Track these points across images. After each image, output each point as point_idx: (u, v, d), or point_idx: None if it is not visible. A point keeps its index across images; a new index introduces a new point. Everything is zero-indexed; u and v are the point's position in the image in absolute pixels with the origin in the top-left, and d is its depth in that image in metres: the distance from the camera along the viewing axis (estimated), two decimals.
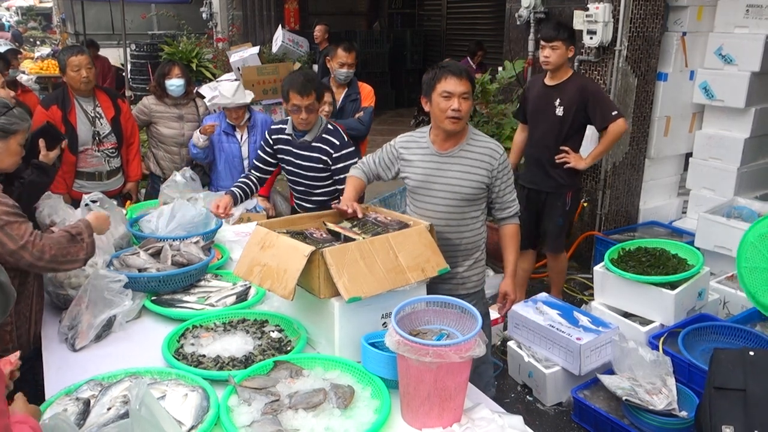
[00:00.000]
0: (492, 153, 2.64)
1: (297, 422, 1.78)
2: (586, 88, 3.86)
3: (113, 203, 3.22)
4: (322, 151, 3.31)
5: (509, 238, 2.76)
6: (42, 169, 2.95)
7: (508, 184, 2.71)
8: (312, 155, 3.33)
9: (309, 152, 3.34)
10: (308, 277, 2.10)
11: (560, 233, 4.16)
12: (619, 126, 3.81)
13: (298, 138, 3.34)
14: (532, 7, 5.12)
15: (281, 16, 10.85)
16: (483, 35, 9.02)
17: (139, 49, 8.14)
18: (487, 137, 2.71)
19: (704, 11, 4.91)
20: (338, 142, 3.30)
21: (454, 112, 2.51)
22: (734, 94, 4.75)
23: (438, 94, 2.54)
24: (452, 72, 2.52)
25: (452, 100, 2.51)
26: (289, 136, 3.37)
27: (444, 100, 2.52)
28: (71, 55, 3.85)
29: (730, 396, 2.29)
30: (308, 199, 3.47)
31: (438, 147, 2.67)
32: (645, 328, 3.63)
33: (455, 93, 2.51)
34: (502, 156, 2.66)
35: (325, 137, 3.32)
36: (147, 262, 2.70)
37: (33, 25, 20.44)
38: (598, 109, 3.82)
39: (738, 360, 2.40)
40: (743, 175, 4.89)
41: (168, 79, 4.39)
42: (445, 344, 1.76)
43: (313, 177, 3.38)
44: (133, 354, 2.24)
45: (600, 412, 3.15)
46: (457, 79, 2.51)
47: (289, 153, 3.40)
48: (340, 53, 4.47)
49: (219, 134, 4.27)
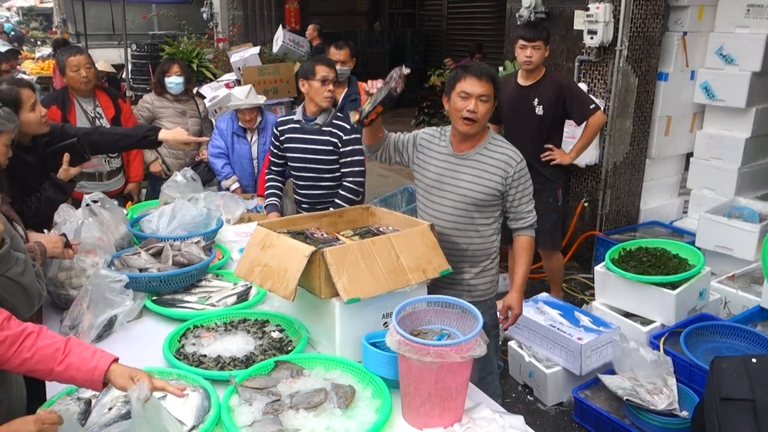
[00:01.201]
0: (509, 160, 2.56)
1: (298, 422, 1.78)
2: (561, 84, 3.93)
3: (114, 203, 3.22)
4: (333, 134, 3.43)
5: (521, 250, 2.64)
6: (59, 186, 2.96)
7: (525, 194, 2.61)
8: (322, 138, 3.44)
9: (319, 136, 3.45)
10: (309, 277, 2.10)
11: (554, 229, 4.18)
12: (598, 118, 3.94)
13: (309, 122, 3.46)
14: (532, 7, 5.11)
15: (282, 16, 10.86)
16: (483, 35, 9.03)
17: (140, 50, 8.14)
18: (507, 144, 2.62)
19: (705, 11, 4.91)
20: (348, 127, 3.39)
21: (468, 113, 2.46)
22: (735, 94, 4.75)
23: (456, 94, 2.49)
24: (472, 72, 2.46)
25: (469, 101, 2.46)
26: (298, 123, 3.49)
27: (461, 100, 2.48)
28: (70, 55, 3.86)
29: (738, 407, 2.24)
30: (313, 191, 3.56)
31: (455, 148, 2.62)
32: (646, 328, 3.62)
33: (473, 94, 2.45)
34: (520, 164, 2.57)
35: (336, 122, 3.45)
36: (148, 262, 2.70)
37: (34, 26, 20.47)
38: (576, 104, 3.90)
39: (741, 368, 2.35)
40: (744, 175, 4.89)
41: (167, 77, 4.44)
42: (446, 344, 1.76)
43: (322, 161, 3.48)
44: (134, 354, 2.23)
45: (601, 412, 3.15)
46: (477, 80, 2.45)
47: (297, 141, 3.51)
48: (332, 51, 4.48)
49: (230, 136, 4.35)
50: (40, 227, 2.68)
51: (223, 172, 4.37)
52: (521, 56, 3.88)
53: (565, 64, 5.04)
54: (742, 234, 4.28)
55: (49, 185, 2.91)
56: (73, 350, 1.67)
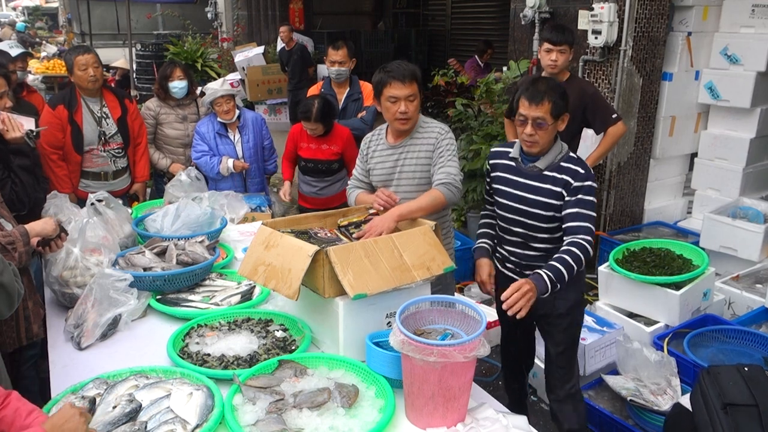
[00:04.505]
0: (437, 135, 2.75)
1: (301, 421, 1.78)
2: (585, 91, 3.81)
3: (119, 202, 3.24)
4: (558, 181, 2.45)
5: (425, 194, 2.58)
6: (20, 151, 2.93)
7: (444, 155, 2.69)
8: (543, 187, 2.48)
9: (540, 183, 2.49)
10: (313, 276, 2.10)
11: None
12: (619, 129, 3.81)
13: (527, 163, 2.53)
14: (536, 7, 5.12)
15: (286, 16, 10.88)
16: (487, 35, 9.00)
17: (145, 49, 8.17)
18: (435, 122, 2.84)
19: (710, 11, 4.90)
20: (582, 171, 2.45)
21: (401, 114, 2.69)
22: (740, 94, 4.74)
23: (385, 99, 2.70)
24: (396, 77, 2.65)
25: (399, 104, 2.67)
26: (513, 161, 2.59)
27: (392, 105, 2.69)
28: (78, 54, 3.87)
29: (742, 412, 2.23)
30: (522, 250, 2.62)
31: (393, 141, 2.84)
32: (650, 328, 3.62)
33: (401, 97, 2.67)
34: (447, 134, 2.76)
35: (565, 165, 2.47)
36: (152, 262, 2.71)
37: (39, 25, 20.54)
38: (598, 113, 3.79)
39: (736, 376, 2.35)
40: (749, 176, 4.88)
41: (170, 81, 4.40)
42: (449, 344, 1.76)
43: (538, 216, 2.51)
44: (138, 353, 2.25)
45: (604, 412, 3.14)
46: (401, 84, 2.65)
47: (509, 183, 2.58)
48: (330, 52, 4.48)
49: (213, 138, 4.31)
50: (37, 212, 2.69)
51: (211, 163, 4.26)
52: (546, 59, 3.80)
53: (569, 64, 5.03)
54: (746, 234, 4.27)
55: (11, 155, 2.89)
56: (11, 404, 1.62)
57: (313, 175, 4.22)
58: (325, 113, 3.98)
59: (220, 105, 4.24)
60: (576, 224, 2.39)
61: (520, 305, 2.14)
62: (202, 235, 2.95)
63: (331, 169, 4.17)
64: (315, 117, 3.94)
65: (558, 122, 2.44)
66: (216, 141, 4.31)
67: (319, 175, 4.20)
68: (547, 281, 2.26)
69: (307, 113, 3.96)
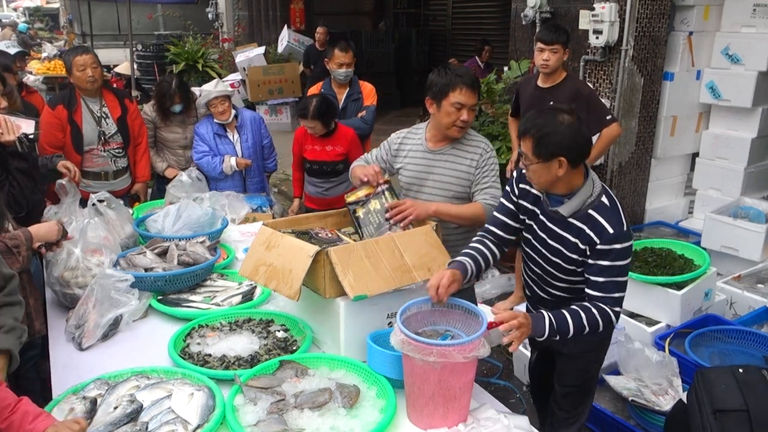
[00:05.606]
0: (480, 151, 2.64)
1: (302, 422, 1.78)
2: (580, 92, 3.82)
3: (120, 203, 3.24)
4: (583, 234, 2.10)
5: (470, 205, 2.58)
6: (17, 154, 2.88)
7: (489, 176, 2.62)
8: (565, 236, 2.15)
9: (562, 231, 2.15)
10: (313, 276, 2.10)
11: None
12: (613, 130, 3.83)
13: (551, 205, 2.18)
14: (537, 7, 5.11)
15: (287, 16, 10.88)
16: (488, 35, 9.00)
17: (146, 50, 8.18)
18: (478, 136, 2.72)
19: (711, 11, 4.90)
20: (611, 230, 2.05)
21: (462, 122, 2.56)
22: (741, 93, 4.74)
23: (449, 103, 2.53)
24: (467, 84, 2.51)
25: (462, 112, 2.53)
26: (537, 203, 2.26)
27: (455, 111, 2.53)
28: (76, 55, 3.87)
29: (732, 417, 2.22)
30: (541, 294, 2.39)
31: (432, 145, 2.70)
32: (651, 328, 3.61)
33: (466, 105, 2.53)
34: (491, 152, 2.66)
35: (593, 214, 2.09)
36: (153, 262, 2.71)
37: (40, 26, 20.54)
38: (592, 114, 3.79)
39: (729, 379, 2.33)
40: (750, 175, 4.87)
41: (171, 107, 4.39)
42: (449, 344, 1.76)
43: (558, 266, 2.22)
44: (139, 353, 2.25)
45: (606, 412, 3.14)
46: (471, 92, 2.52)
47: (535, 217, 2.27)
48: (337, 54, 4.48)
49: (213, 138, 4.31)
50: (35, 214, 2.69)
51: (213, 163, 4.26)
52: (538, 59, 3.83)
53: (570, 63, 5.03)
54: (747, 234, 4.27)
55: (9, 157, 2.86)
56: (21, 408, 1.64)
57: (318, 176, 4.22)
58: (323, 111, 3.97)
59: (215, 106, 4.25)
60: (601, 295, 2.07)
61: (512, 337, 1.92)
62: (203, 236, 2.95)
63: (336, 170, 4.17)
64: (312, 114, 3.95)
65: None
66: (215, 141, 4.31)
67: (325, 176, 4.20)
68: (546, 328, 2.02)
69: (305, 110, 3.98)
